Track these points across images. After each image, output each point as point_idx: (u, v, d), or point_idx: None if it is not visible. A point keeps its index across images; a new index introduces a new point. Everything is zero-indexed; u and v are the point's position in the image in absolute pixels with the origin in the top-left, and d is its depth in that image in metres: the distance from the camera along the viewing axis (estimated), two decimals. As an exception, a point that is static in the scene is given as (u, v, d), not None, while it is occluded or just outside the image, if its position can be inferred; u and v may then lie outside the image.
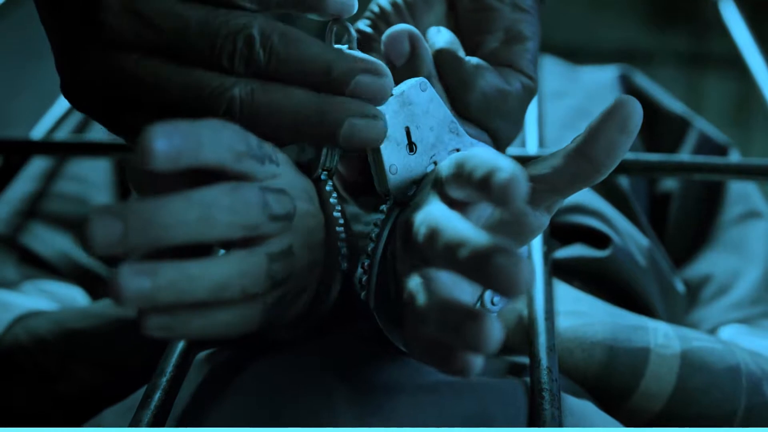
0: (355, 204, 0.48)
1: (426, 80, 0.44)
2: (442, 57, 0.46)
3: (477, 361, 0.33)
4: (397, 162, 0.43)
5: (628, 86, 0.79)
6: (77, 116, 0.76)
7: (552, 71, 0.80)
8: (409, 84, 0.44)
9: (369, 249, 0.43)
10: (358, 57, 0.41)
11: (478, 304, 0.42)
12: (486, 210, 0.41)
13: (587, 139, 0.39)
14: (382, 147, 0.43)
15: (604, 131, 0.38)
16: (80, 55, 0.40)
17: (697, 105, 1.50)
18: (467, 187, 0.36)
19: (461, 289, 0.40)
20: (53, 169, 0.72)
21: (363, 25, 0.48)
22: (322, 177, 0.44)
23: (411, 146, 0.43)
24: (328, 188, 0.44)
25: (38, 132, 0.67)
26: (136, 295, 0.33)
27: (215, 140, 0.36)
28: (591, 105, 0.74)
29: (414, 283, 0.36)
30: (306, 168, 0.44)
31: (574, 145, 0.39)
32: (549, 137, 0.68)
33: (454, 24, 0.49)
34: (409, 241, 0.39)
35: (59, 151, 0.66)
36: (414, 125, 0.43)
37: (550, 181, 0.40)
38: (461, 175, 0.36)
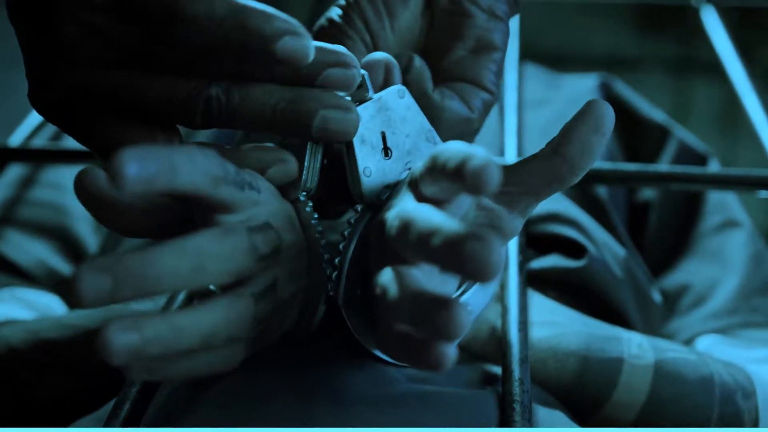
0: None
1: (404, 88, 0.44)
2: (410, 91, 0.46)
3: (450, 354, 0.33)
4: (371, 165, 0.43)
5: (609, 94, 0.79)
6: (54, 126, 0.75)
7: (534, 79, 0.80)
8: (388, 90, 0.44)
9: (340, 247, 0.43)
10: (326, 49, 0.41)
11: None
12: (460, 210, 0.41)
13: (562, 139, 0.40)
14: (357, 149, 0.43)
15: (578, 131, 0.39)
16: (48, 68, 0.40)
17: (684, 110, 1.50)
18: (442, 179, 0.36)
19: (433, 284, 0.40)
20: (29, 175, 0.72)
21: (335, 14, 0.47)
22: (301, 198, 0.44)
23: (386, 151, 0.44)
24: (308, 209, 0.44)
25: (15, 139, 0.67)
26: (124, 350, 0.33)
27: (191, 165, 0.35)
28: (571, 113, 0.74)
29: (386, 277, 0.36)
30: (284, 190, 0.44)
31: (548, 146, 0.40)
32: (528, 146, 0.68)
33: (428, 23, 0.49)
34: (383, 237, 0.39)
35: (36, 158, 0.66)
36: (390, 130, 0.44)
37: (526, 183, 0.41)
38: (435, 168, 0.37)
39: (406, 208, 0.37)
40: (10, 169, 0.71)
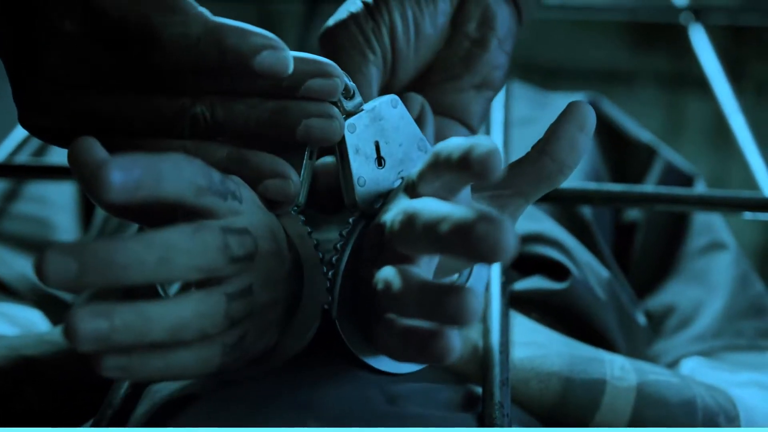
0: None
1: (397, 98, 0.45)
2: None
3: (456, 344, 0.34)
4: (365, 174, 0.44)
5: (596, 113, 0.78)
6: (38, 140, 0.75)
7: (521, 97, 0.80)
8: (381, 100, 0.45)
9: (333, 259, 0.43)
10: (307, 59, 0.41)
11: None
12: None
13: (548, 138, 0.41)
14: (352, 159, 0.44)
15: (564, 129, 0.41)
16: (34, 96, 0.41)
17: (677, 126, 1.51)
18: (446, 172, 0.37)
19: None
20: (12, 189, 0.71)
21: (364, 19, 0.47)
22: (292, 212, 0.44)
23: (380, 160, 0.44)
24: (300, 223, 0.45)
25: (-1, 155, 0.67)
26: (92, 336, 0.33)
27: (176, 174, 0.36)
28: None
29: (388, 272, 0.37)
30: (272, 203, 0.44)
31: (535, 148, 0.41)
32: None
33: (444, 42, 0.48)
34: (381, 239, 0.40)
35: (20, 174, 0.66)
36: (384, 140, 0.44)
37: (515, 184, 0.42)
38: (438, 162, 0.37)
39: (406, 204, 0.38)
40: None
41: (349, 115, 0.44)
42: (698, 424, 0.51)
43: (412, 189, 0.40)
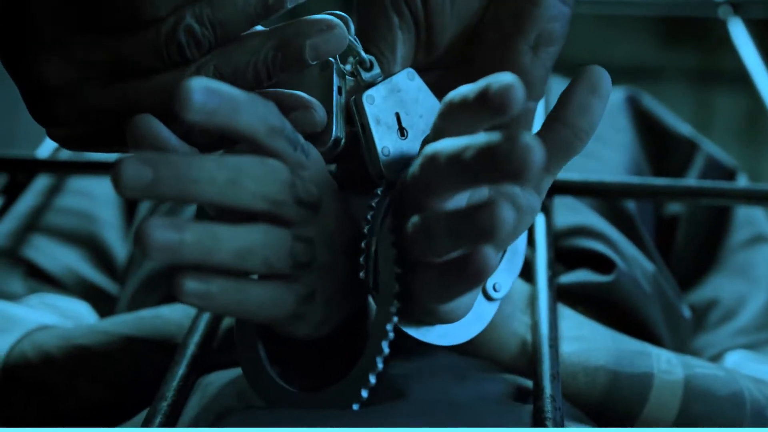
0: None
1: (413, 70, 0.45)
2: None
3: (492, 258, 0.34)
4: (389, 144, 0.44)
5: (636, 108, 0.78)
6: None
7: (560, 91, 0.79)
8: (398, 73, 0.44)
9: (366, 230, 0.43)
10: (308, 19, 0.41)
11: (481, 294, 0.44)
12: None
13: (559, 104, 0.40)
14: (374, 129, 0.43)
15: (574, 93, 0.40)
16: (47, 110, 0.42)
17: (706, 122, 1.50)
18: (461, 115, 0.37)
19: None
20: (57, 183, 0.72)
21: None
22: (330, 147, 0.44)
23: (402, 131, 0.44)
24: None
25: (44, 151, 0.67)
26: (162, 245, 0.34)
27: (252, 110, 0.37)
28: (600, 127, 0.74)
29: (417, 217, 0.38)
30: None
31: (548, 117, 0.41)
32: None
33: (486, 3, 0.44)
34: (407, 191, 0.40)
35: (64, 169, 0.67)
36: (404, 111, 0.44)
37: None
38: (452, 107, 0.37)
39: (426, 148, 0.38)
40: (39, 179, 0.71)
41: (366, 86, 0.44)
42: (746, 417, 0.50)
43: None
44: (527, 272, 0.53)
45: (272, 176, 0.38)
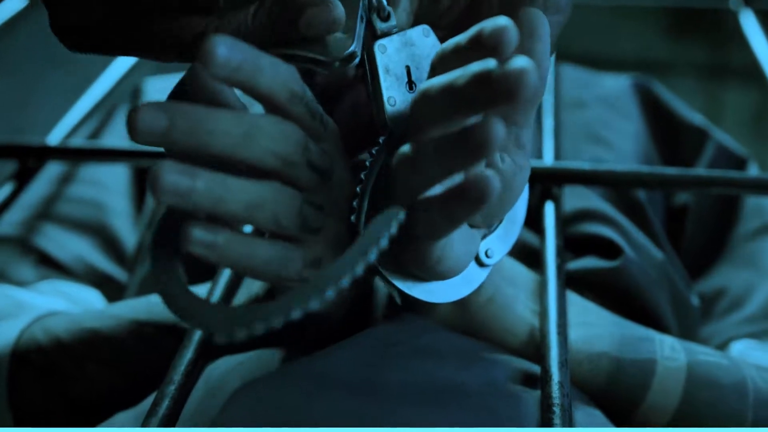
0: None
1: (429, 27, 0.44)
2: None
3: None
4: (396, 95, 0.43)
5: (646, 95, 0.78)
6: (93, 122, 0.76)
7: (570, 79, 0.79)
8: (413, 28, 0.44)
9: (362, 175, 0.43)
10: None
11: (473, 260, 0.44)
12: None
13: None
14: (382, 78, 0.43)
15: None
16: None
17: (716, 115, 1.49)
18: (455, 60, 0.37)
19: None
20: (68, 172, 0.72)
21: None
22: (344, 58, 0.42)
23: (411, 84, 0.44)
24: None
25: (54, 138, 0.67)
26: (173, 188, 0.34)
27: (273, 71, 0.37)
28: (609, 115, 0.74)
29: (407, 146, 0.38)
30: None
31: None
32: (566, 148, 0.68)
33: None
34: (406, 135, 0.40)
35: (75, 156, 0.67)
36: (414, 66, 0.44)
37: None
38: (445, 54, 0.38)
39: (419, 87, 0.38)
40: (49, 167, 0.71)
41: (381, 35, 0.44)
42: (749, 405, 0.50)
43: None
44: (536, 260, 0.53)
45: (287, 136, 0.38)
